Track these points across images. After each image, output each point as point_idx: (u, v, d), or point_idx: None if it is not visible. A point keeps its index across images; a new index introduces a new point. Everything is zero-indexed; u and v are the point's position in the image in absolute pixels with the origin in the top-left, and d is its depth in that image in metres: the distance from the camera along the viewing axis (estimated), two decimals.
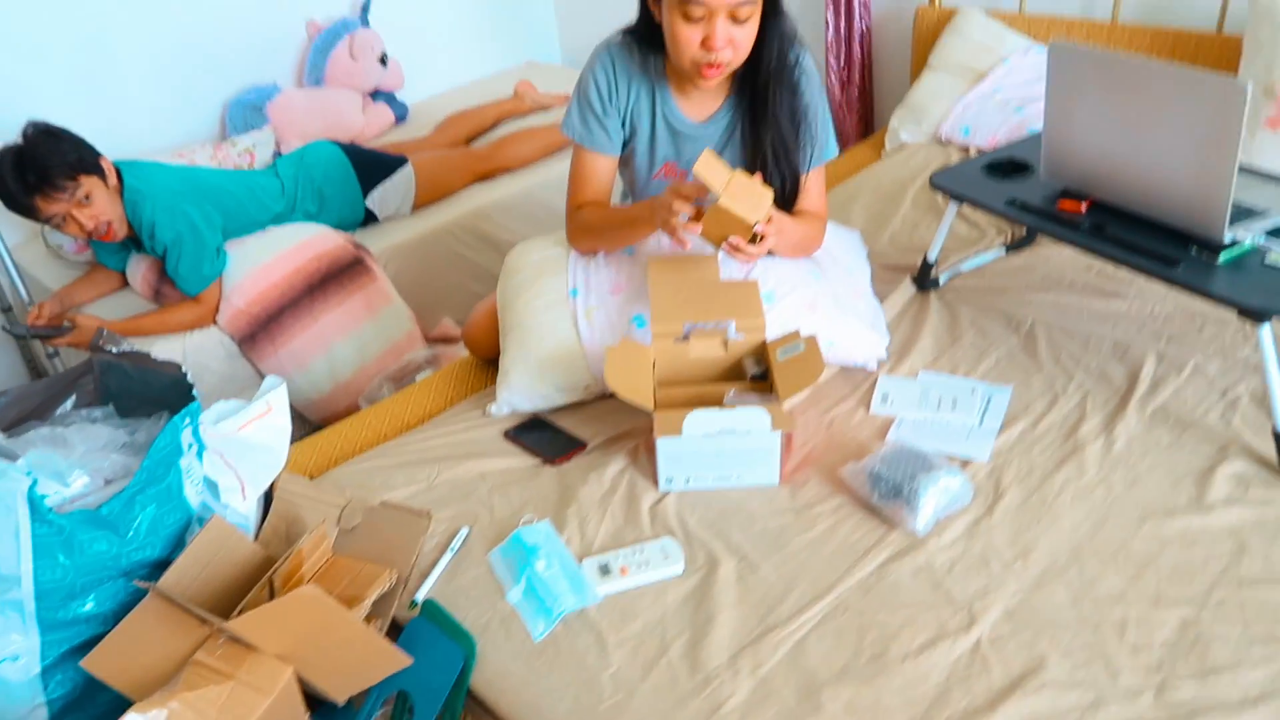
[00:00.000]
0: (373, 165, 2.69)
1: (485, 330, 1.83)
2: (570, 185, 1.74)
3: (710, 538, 1.37)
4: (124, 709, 1.07)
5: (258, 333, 2.32)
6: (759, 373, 1.52)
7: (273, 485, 1.48)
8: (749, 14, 1.48)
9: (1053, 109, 1.57)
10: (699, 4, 1.45)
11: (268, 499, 1.49)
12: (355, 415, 1.80)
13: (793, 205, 1.70)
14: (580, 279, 1.71)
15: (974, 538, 1.34)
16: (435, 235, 2.71)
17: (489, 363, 1.86)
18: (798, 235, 1.64)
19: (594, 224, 1.71)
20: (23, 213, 2.15)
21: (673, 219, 1.48)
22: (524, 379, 1.66)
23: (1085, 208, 1.59)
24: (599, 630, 1.25)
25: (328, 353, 2.38)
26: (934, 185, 1.74)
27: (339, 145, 2.67)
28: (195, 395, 1.35)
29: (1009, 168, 1.74)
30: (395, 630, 1.32)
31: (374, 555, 1.40)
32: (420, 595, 1.34)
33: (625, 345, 1.51)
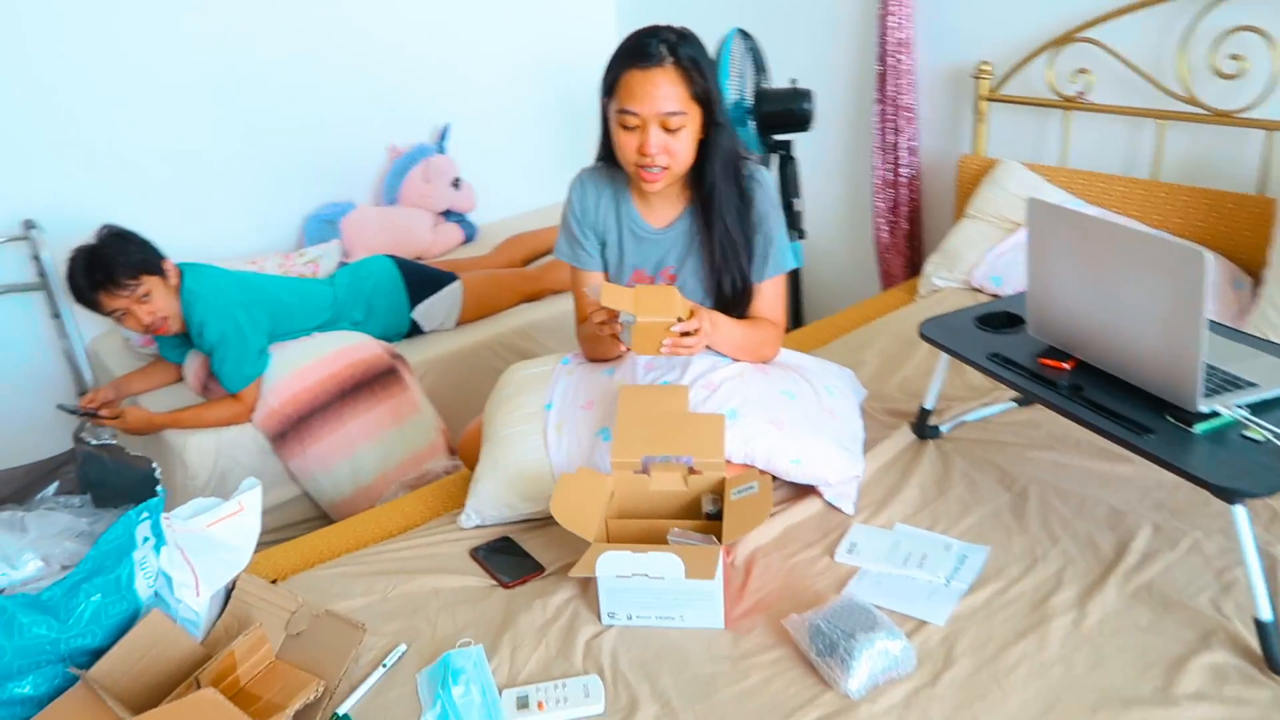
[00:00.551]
0: (423, 280, 2.83)
1: (476, 443, 1.88)
2: (574, 303, 1.88)
3: (638, 680, 1.34)
4: None
5: (288, 432, 2.42)
6: (714, 511, 1.51)
7: (233, 584, 1.52)
8: (680, 124, 1.59)
9: (1034, 265, 1.55)
10: (632, 114, 1.58)
11: (229, 597, 1.53)
12: (339, 522, 1.85)
13: (744, 310, 1.77)
14: (557, 394, 1.76)
15: (911, 708, 1.27)
16: (476, 350, 2.81)
17: None
18: (739, 335, 1.72)
19: (585, 337, 1.84)
20: (89, 306, 2.33)
21: (601, 331, 1.61)
22: (492, 489, 1.69)
23: (1069, 367, 1.54)
24: None
25: (352, 456, 2.46)
26: (922, 334, 1.72)
27: (393, 259, 2.82)
28: (159, 492, 1.41)
29: (1002, 321, 1.71)
30: None
31: (310, 663, 1.42)
32: (344, 708, 1.34)
33: (582, 473, 1.52)
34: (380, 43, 3.31)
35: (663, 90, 1.57)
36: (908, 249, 3.02)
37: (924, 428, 1.86)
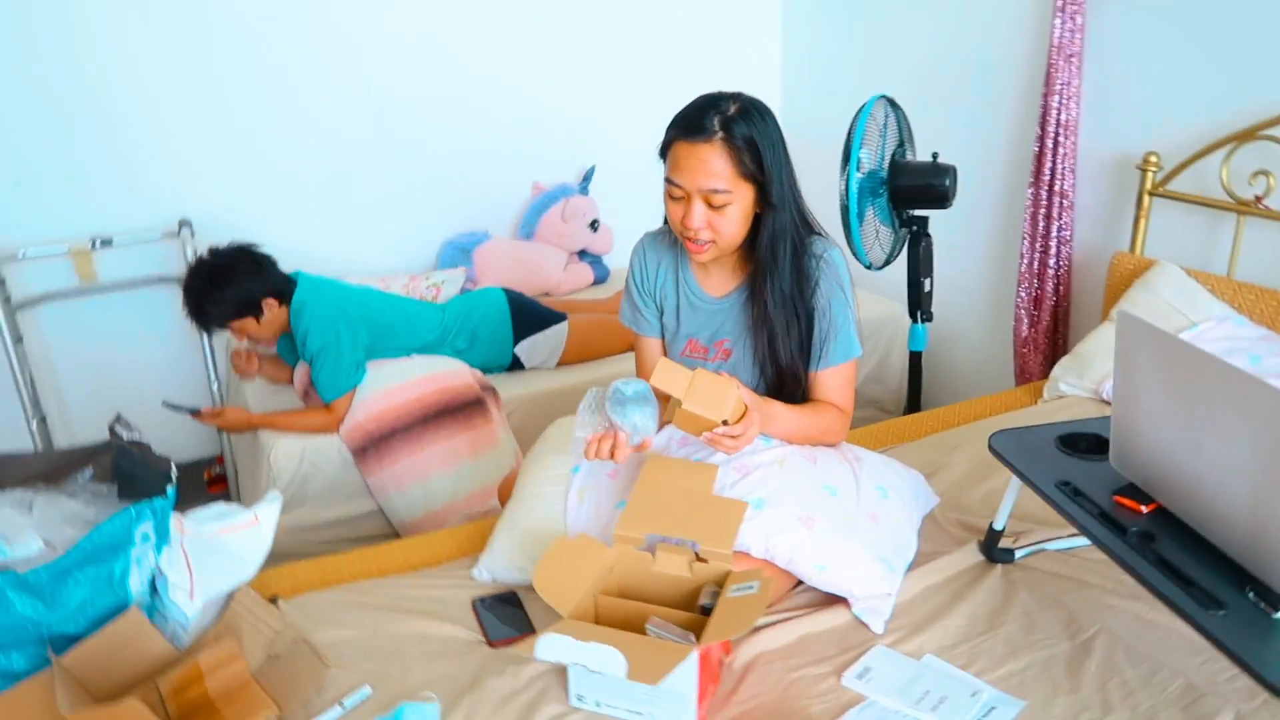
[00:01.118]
0: (532, 316, 2.84)
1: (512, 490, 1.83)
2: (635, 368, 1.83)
3: None
4: None
5: (369, 448, 2.47)
6: (711, 605, 1.38)
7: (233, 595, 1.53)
8: (724, 201, 1.51)
9: (1120, 389, 1.34)
10: (677, 185, 1.53)
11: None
12: (365, 549, 1.84)
13: (795, 394, 1.65)
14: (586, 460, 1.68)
15: None
16: (571, 391, 2.78)
17: None
18: (796, 422, 1.60)
19: None
20: None
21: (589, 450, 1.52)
22: (505, 547, 1.63)
23: (1146, 511, 1.32)
24: None
25: (425, 481, 2.48)
26: (991, 447, 1.53)
27: (506, 294, 2.84)
28: (169, 494, 1.44)
29: (1089, 445, 1.50)
30: None
31: (277, 687, 1.40)
32: None
33: (581, 541, 1.44)
34: (536, 81, 3.39)
35: (708, 166, 1.50)
36: (1048, 346, 2.77)
37: (993, 549, 1.66)
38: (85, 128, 2.81)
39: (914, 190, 2.57)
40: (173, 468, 1.48)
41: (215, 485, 3.00)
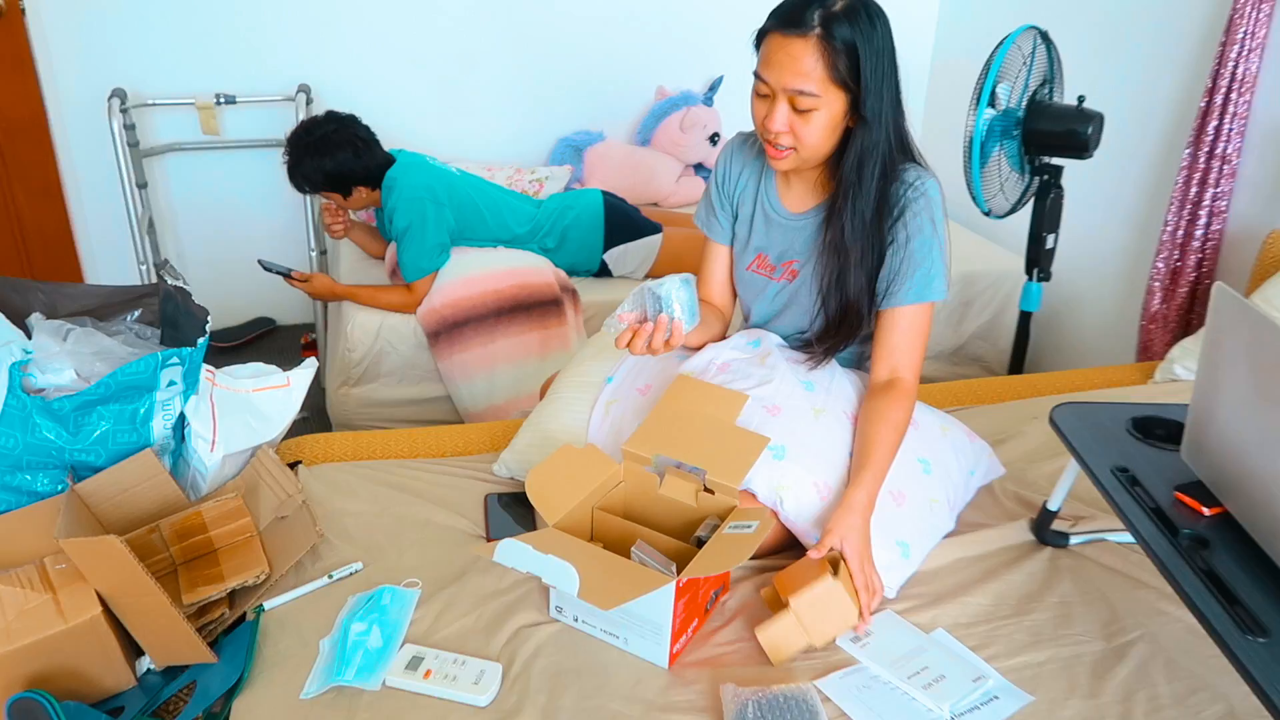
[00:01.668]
0: (627, 224, 2.76)
1: None
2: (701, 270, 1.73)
3: (539, 688, 1.20)
4: None
5: (442, 333, 2.47)
6: (707, 539, 1.31)
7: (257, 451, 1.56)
8: (810, 105, 1.37)
9: (1203, 376, 1.17)
10: (764, 81, 1.40)
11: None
12: (402, 429, 1.84)
13: (852, 336, 1.52)
14: (623, 369, 1.62)
15: None
16: None
17: None
18: (883, 463, 1.40)
19: None
20: None
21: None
22: (526, 446, 1.60)
23: (1208, 514, 1.16)
24: (353, 716, 1.15)
25: (491, 373, 2.47)
26: (1052, 420, 1.38)
27: (605, 198, 2.77)
28: (200, 344, 1.46)
29: (1165, 431, 1.33)
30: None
31: (275, 549, 1.42)
32: (272, 603, 1.33)
33: (588, 451, 1.38)
34: None
35: (798, 64, 1.35)
36: (1179, 324, 2.50)
37: (1045, 531, 1.51)
38: None
39: (1052, 136, 2.34)
40: (208, 319, 1.49)
41: (308, 350, 3.10)
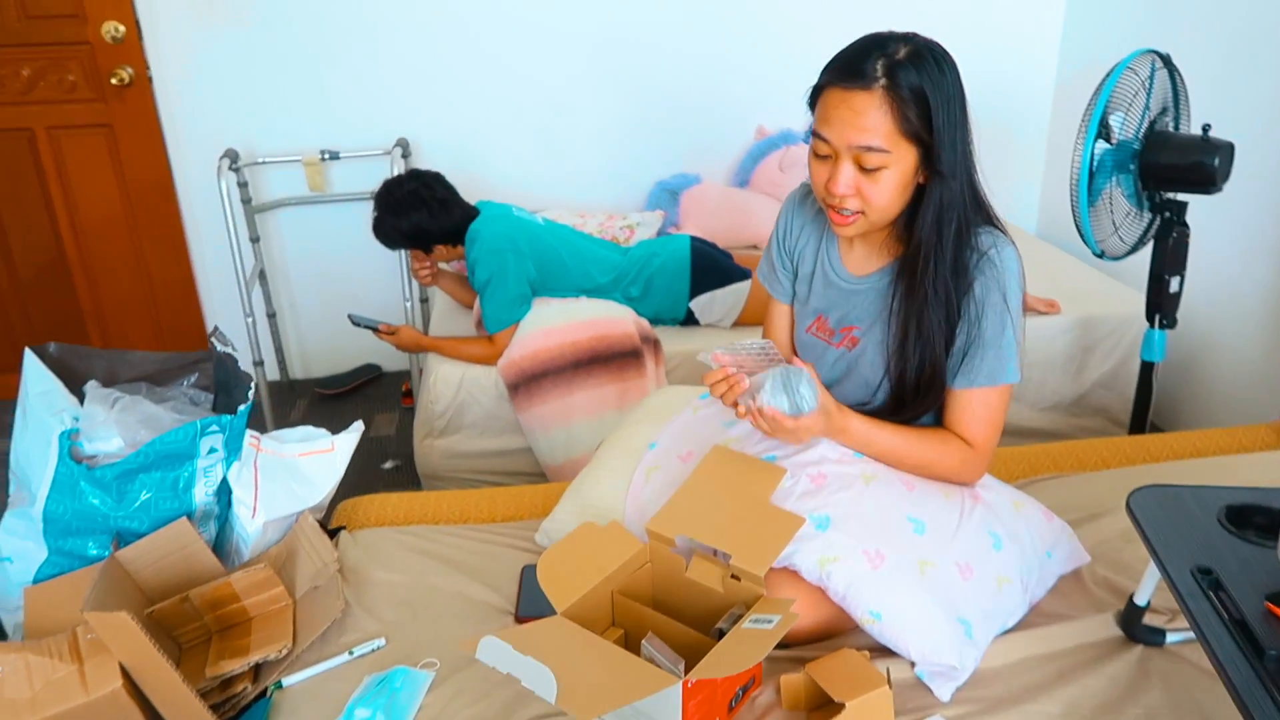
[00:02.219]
0: (715, 270, 2.68)
1: None
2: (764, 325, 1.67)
3: None
4: None
5: (520, 386, 2.46)
6: (728, 631, 1.21)
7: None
8: (878, 163, 1.26)
9: None
10: (824, 140, 1.29)
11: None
12: (451, 491, 1.82)
13: (923, 408, 1.40)
14: (666, 435, 1.55)
15: None
16: None
17: None
18: (889, 441, 1.37)
19: None
20: None
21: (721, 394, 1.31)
22: (566, 515, 1.55)
23: None
24: None
25: (569, 426, 2.44)
26: (1129, 509, 1.21)
27: (693, 243, 2.70)
28: (240, 411, 1.48)
29: (1264, 520, 1.14)
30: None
31: (303, 619, 1.41)
32: (290, 679, 1.31)
33: (610, 530, 1.31)
34: (768, 23, 3.16)
35: (863, 119, 1.24)
36: None
37: (1134, 626, 1.34)
38: (321, 50, 2.98)
39: (1174, 169, 2.13)
40: (252, 385, 1.51)
41: (407, 398, 3.15)
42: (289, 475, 1.55)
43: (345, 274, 3.26)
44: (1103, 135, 2.16)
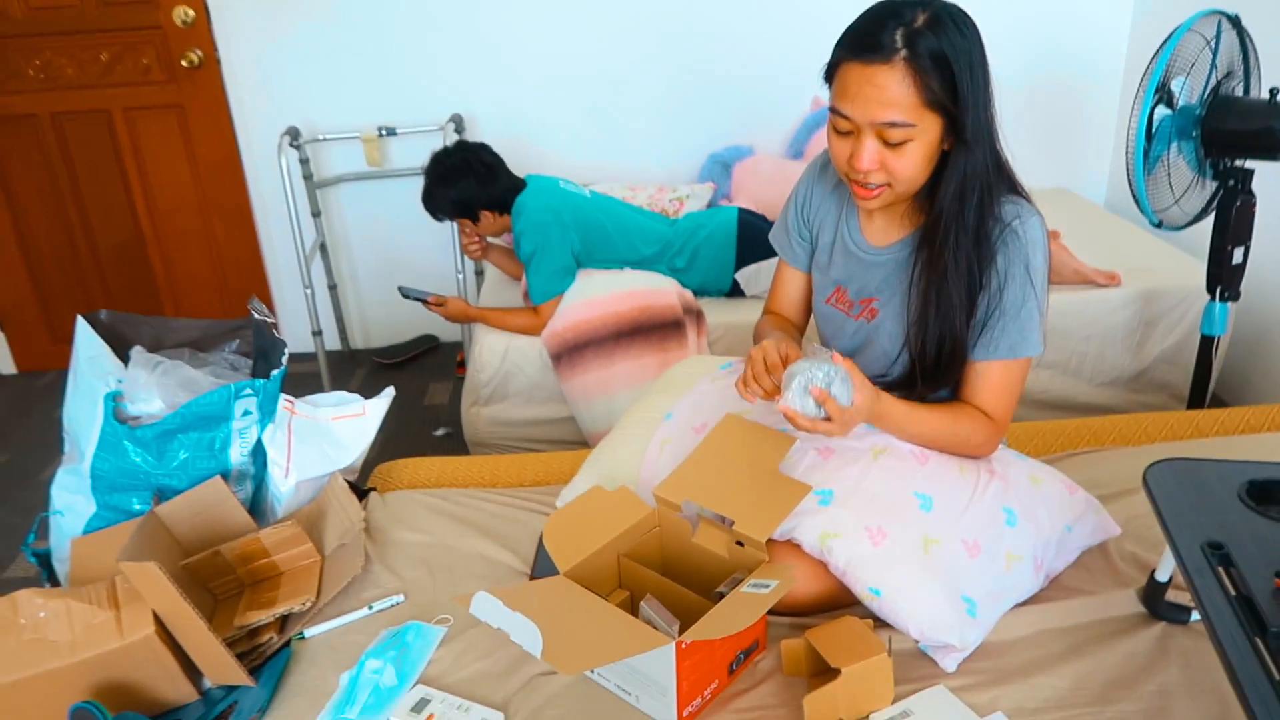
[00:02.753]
0: (762, 242, 2.66)
1: None
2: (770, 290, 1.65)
3: None
4: None
5: (564, 356, 2.49)
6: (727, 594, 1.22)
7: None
8: (903, 137, 1.22)
9: None
10: (844, 116, 1.25)
11: None
12: (483, 456, 1.86)
13: (949, 382, 1.37)
14: (682, 406, 1.55)
15: None
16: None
17: None
18: (925, 426, 1.34)
19: (755, 336, 1.58)
20: None
21: (737, 383, 1.29)
22: (584, 482, 1.57)
23: None
24: None
25: (610, 397, 2.46)
26: (1145, 482, 1.17)
27: (741, 214, 2.69)
28: (274, 376, 1.53)
29: None
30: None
31: (330, 575, 1.47)
32: (311, 631, 1.37)
33: (620, 493, 1.32)
34: None
35: (885, 94, 1.20)
36: None
37: (1156, 603, 1.30)
38: (379, 30, 3.04)
39: (1241, 135, 2.04)
40: (285, 351, 1.57)
41: (460, 368, 3.22)
42: (321, 438, 1.61)
43: (402, 247, 3.33)
44: (1164, 100, 2.07)
